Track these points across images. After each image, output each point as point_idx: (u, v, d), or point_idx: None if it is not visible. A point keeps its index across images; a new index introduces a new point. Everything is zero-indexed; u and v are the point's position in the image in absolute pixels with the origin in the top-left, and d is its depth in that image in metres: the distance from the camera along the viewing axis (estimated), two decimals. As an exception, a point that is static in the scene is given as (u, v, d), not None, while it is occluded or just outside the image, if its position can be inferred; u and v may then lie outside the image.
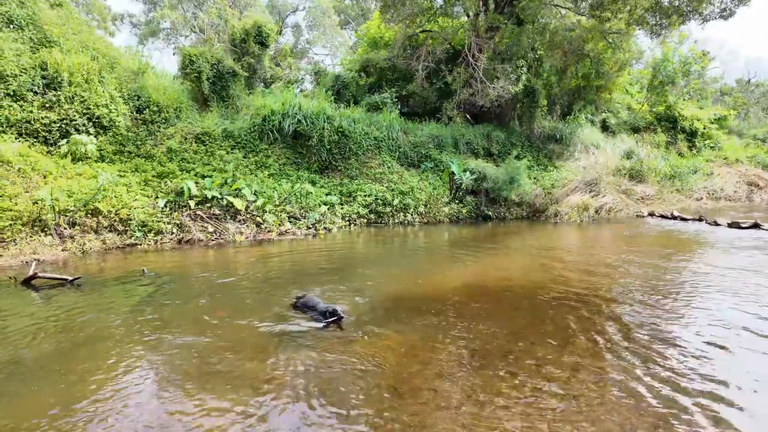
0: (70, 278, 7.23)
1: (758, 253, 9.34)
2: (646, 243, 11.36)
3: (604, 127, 22.54)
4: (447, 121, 18.35)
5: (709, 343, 4.88)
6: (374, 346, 4.89)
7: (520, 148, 18.39)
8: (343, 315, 5.47)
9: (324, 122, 14.73)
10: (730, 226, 12.75)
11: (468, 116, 19.14)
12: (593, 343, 4.96)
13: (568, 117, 21.00)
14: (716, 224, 13.10)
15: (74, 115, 12.13)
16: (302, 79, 27.34)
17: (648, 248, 10.65)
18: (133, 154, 12.60)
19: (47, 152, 11.52)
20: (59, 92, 12.09)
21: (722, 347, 4.77)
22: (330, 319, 5.39)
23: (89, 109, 12.43)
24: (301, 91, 24.14)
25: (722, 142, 25.08)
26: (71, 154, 11.53)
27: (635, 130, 23.48)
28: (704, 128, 24.40)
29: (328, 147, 14.66)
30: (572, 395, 3.86)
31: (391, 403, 3.75)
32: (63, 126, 11.95)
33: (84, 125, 12.24)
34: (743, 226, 12.49)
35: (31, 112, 11.67)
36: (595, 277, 7.62)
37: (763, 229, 12.10)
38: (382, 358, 4.57)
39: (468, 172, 15.31)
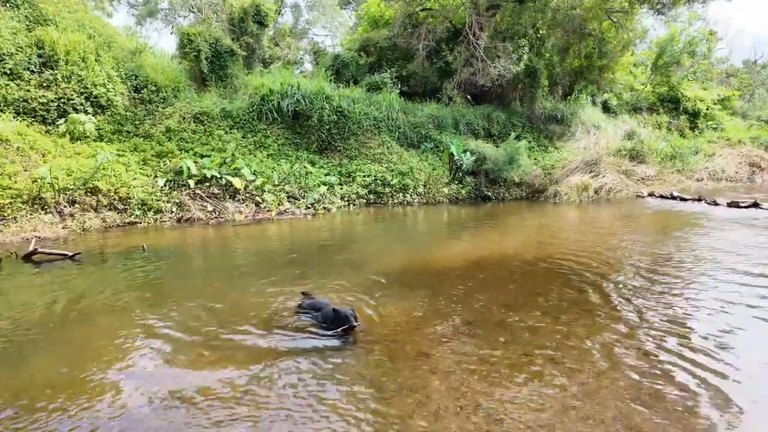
0: (71, 254, 7.30)
1: (754, 230, 9.36)
2: (644, 222, 11.38)
3: (606, 108, 22.35)
4: (447, 101, 18.21)
5: (701, 313, 4.94)
6: (372, 314, 4.96)
7: (521, 128, 18.26)
8: (356, 324, 4.42)
9: (323, 102, 14.64)
10: (729, 205, 12.73)
11: (468, 97, 18.99)
12: (586, 314, 5.02)
13: (569, 97, 20.80)
14: (715, 204, 13.07)
15: (72, 95, 12.08)
16: (302, 59, 27.07)
17: (645, 227, 10.67)
18: (132, 134, 12.57)
19: (45, 131, 11.50)
20: (56, 71, 12.01)
21: (714, 316, 4.83)
22: (341, 328, 4.42)
23: (86, 88, 12.36)
24: (301, 72, 23.93)
25: (725, 123, 24.88)
26: (69, 134, 11.51)
27: (637, 110, 23.28)
28: (707, 109, 24.17)
29: (328, 127, 14.59)
30: (562, 362, 3.93)
31: (386, 367, 3.82)
32: (61, 105, 11.91)
33: (82, 104, 12.19)
34: (742, 205, 12.47)
35: (29, 90, 11.62)
36: (590, 253, 7.66)
37: (762, 208, 12.07)
38: (378, 327, 4.64)
39: (468, 153, 15.25)
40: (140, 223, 10.21)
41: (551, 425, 3.06)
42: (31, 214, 9.21)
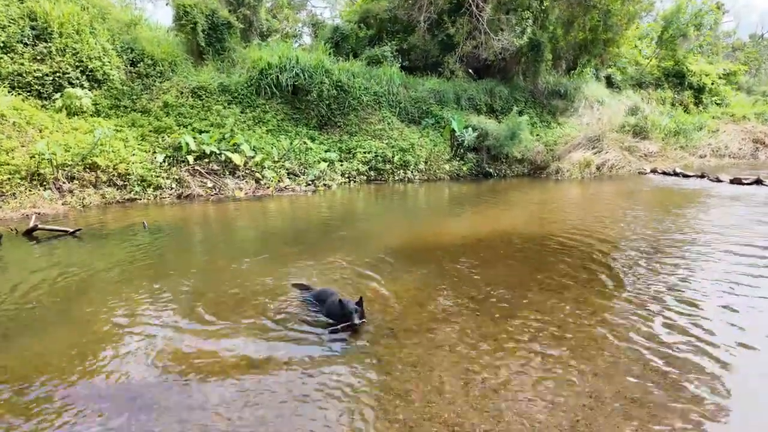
0: (71, 230, 7.28)
1: (756, 207, 9.32)
2: (646, 198, 11.34)
3: (610, 83, 21.99)
4: (449, 75, 17.87)
5: (704, 288, 4.95)
6: (374, 290, 4.97)
7: (524, 103, 17.99)
8: (357, 322, 3.97)
9: (322, 76, 14.36)
10: (732, 182, 12.66)
11: (471, 71, 18.64)
12: (588, 290, 5.03)
13: (572, 72, 20.43)
14: (718, 181, 13.01)
15: (67, 68, 11.84)
16: (300, 32, 26.48)
17: (647, 203, 10.64)
18: (129, 109, 12.37)
19: (41, 106, 11.32)
20: (50, 44, 11.74)
21: (717, 292, 4.84)
22: (341, 325, 4.02)
23: (82, 61, 12.11)
24: (300, 45, 23.41)
25: (730, 99, 24.53)
26: (66, 108, 11.33)
27: (641, 86, 22.91)
28: (712, 84, 23.79)
29: (327, 102, 14.36)
30: (565, 337, 3.95)
31: (388, 342, 3.84)
32: (56, 79, 11.68)
33: (77, 78, 11.96)
34: (745, 182, 12.40)
35: (23, 64, 11.38)
36: (592, 230, 7.64)
37: (765, 185, 12.01)
38: (381, 303, 4.65)
39: (470, 129, 15.07)
40: (140, 199, 10.16)
41: (553, 400, 3.09)
42: (30, 191, 9.14)
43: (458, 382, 3.28)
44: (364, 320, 4.08)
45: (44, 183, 9.41)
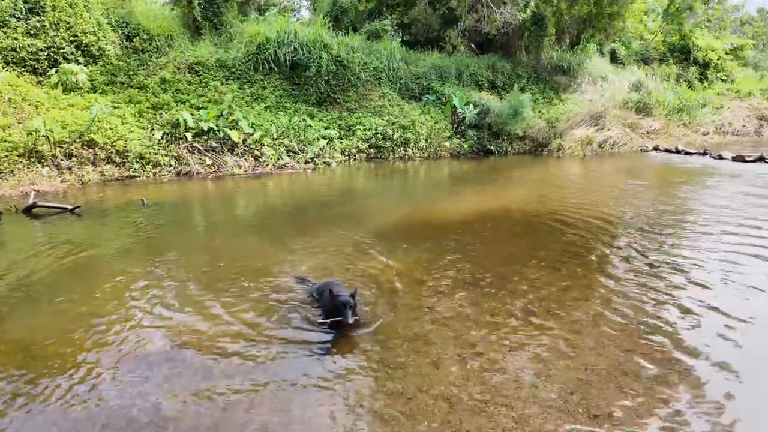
0: (70, 207, 7.28)
1: (758, 184, 9.28)
2: (648, 176, 11.29)
3: (614, 58, 21.61)
4: (451, 50, 17.56)
5: (702, 266, 4.96)
6: (373, 268, 4.99)
7: (526, 79, 17.73)
8: (350, 320, 3.51)
9: (321, 51, 14.11)
10: (734, 159, 12.58)
11: (473, 45, 18.31)
12: (586, 267, 5.05)
13: (576, 47, 20.05)
14: (720, 158, 12.92)
15: (61, 43, 11.65)
16: (299, 6, 25.90)
17: (649, 181, 10.60)
18: (126, 85, 12.22)
19: (37, 82, 11.20)
20: (43, 17, 11.52)
21: (716, 270, 4.86)
22: (330, 320, 3.62)
23: (76, 36, 11.90)
24: (298, 19, 22.93)
25: (736, 75, 24.14)
26: (62, 85, 11.20)
27: (645, 61, 22.53)
28: (718, 59, 23.39)
29: (326, 78, 14.15)
30: (561, 313, 3.98)
31: (387, 317, 3.88)
32: (51, 54, 11.51)
33: (72, 54, 11.78)
34: (748, 159, 12.31)
35: (16, 39, 11.20)
36: (592, 207, 7.63)
37: (767, 162, 11.93)
38: (379, 279, 4.67)
39: (471, 105, 14.88)
40: (139, 176, 10.13)
41: (548, 373, 3.13)
42: (28, 168, 9.11)
43: (454, 356, 3.32)
44: (357, 318, 3.64)
45: (42, 160, 9.36)
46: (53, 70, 11.34)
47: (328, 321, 3.66)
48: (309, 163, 12.14)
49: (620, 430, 2.59)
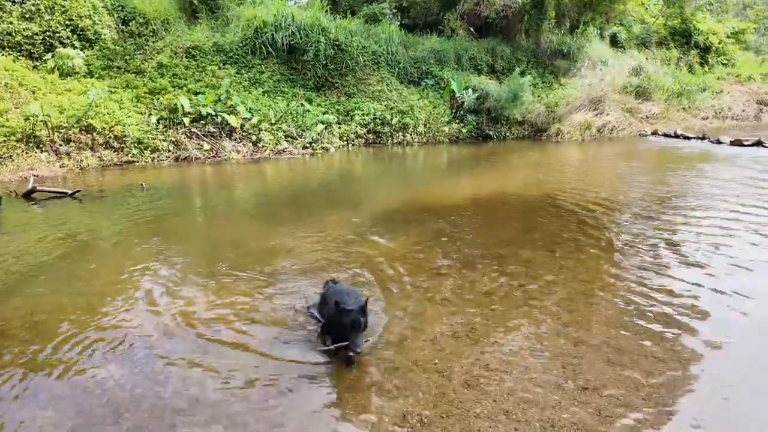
0: (70, 191, 7.32)
1: (755, 168, 9.32)
2: (645, 160, 11.32)
3: (614, 42, 21.43)
4: (449, 33, 17.41)
5: (696, 248, 5.04)
6: (370, 249, 5.06)
7: (526, 63, 17.59)
8: (357, 348, 2.81)
9: (319, 35, 13.99)
10: (732, 144, 12.58)
11: (472, 29, 18.14)
12: (581, 248, 5.11)
13: (576, 31, 19.86)
14: (719, 142, 12.92)
15: (57, 27, 11.56)
16: (296, -11, 25.52)
17: (646, 165, 10.63)
18: (123, 70, 12.14)
19: (33, 67, 11.13)
20: (38, 1, 11.41)
21: (710, 251, 4.93)
22: (336, 345, 2.97)
23: (72, 20, 11.80)
24: (295, 3, 22.64)
25: (737, 59, 23.97)
26: (58, 69, 11.13)
27: (646, 45, 22.34)
28: (719, 43, 23.19)
29: (324, 62, 14.05)
30: (555, 292, 4.06)
31: (384, 297, 3.95)
32: (46, 38, 11.43)
33: (68, 38, 11.69)
34: (746, 144, 12.33)
35: (11, 23, 11.11)
36: (589, 191, 7.67)
37: (765, 146, 11.94)
38: (376, 260, 4.74)
39: (470, 90, 14.81)
40: (137, 162, 10.13)
41: (541, 347, 3.22)
42: (26, 153, 9.11)
43: (449, 333, 3.40)
44: (368, 340, 3.02)
45: (41, 145, 9.36)
46: (49, 55, 11.26)
47: (332, 347, 2.98)
48: (307, 148, 12.13)
49: (609, 401, 2.68)
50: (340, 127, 13.18)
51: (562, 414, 2.57)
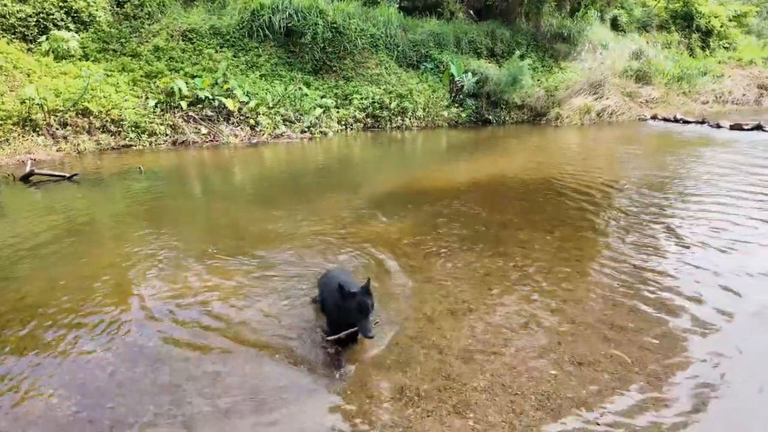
0: (68, 175, 7.30)
1: (754, 152, 9.31)
2: (644, 144, 11.30)
3: (615, 25, 21.19)
4: (449, 16, 17.19)
5: (693, 230, 5.07)
6: (369, 232, 5.07)
7: (526, 47, 17.41)
8: (370, 331, 2.66)
9: (317, 17, 13.80)
10: (732, 128, 12.55)
11: (471, 12, 17.92)
12: (578, 231, 5.15)
13: (576, 14, 19.63)
14: (718, 126, 12.88)
15: (50, 9, 11.39)
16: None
17: (645, 149, 10.61)
18: (119, 53, 12.00)
19: (27, 50, 10.99)
20: (31, -18, 11.22)
21: (706, 234, 4.96)
22: (346, 332, 2.80)
23: (66, 1, 11.62)
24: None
25: (739, 42, 23.74)
26: (53, 52, 11.00)
27: (647, 28, 22.10)
28: (721, 26, 22.95)
29: (322, 45, 13.89)
30: (552, 272, 4.09)
31: (382, 278, 3.98)
32: (40, 21, 11.27)
33: (62, 20, 11.53)
34: (745, 128, 12.29)
35: (5, 5, 10.93)
36: (588, 175, 7.68)
37: (765, 131, 11.91)
38: (375, 242, 4.76)
39: (469, 74, 14.69)
40: (135, 146, 10.08)
41: (536, 325, 3.26)
42: (23, 137, 9.06)
43: (447, 311, 3.44)
44: (377, 322, 2.87)
45: (37, 129, 9.30)
46: (43, 37, 11.11)
47: (340, 336, 2.76)
48: (305, 132, 12.07)
49: (604, 376, 2.72)
50: (338, 111, 13.10)
51: (558, 388, 2.62)
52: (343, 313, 2.75)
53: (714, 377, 2.72)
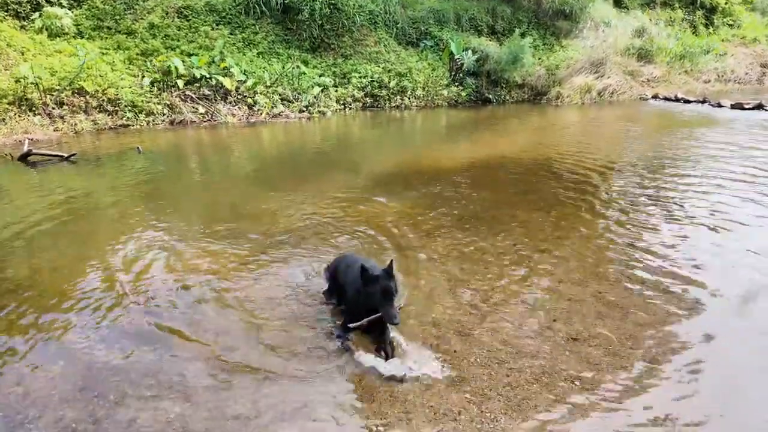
0: (66, 155, 7.28)
1: (754, 131, 9.29)
2: (644, 124, 11.25)
3: (617, 2, 20.81)
4: (449, -7, 16.86)
5: (689, 211, 5.10)
6: (368, 211, 5.10)
7: (527, 24, 17.14)
8: (396, 317, 2.51)
9: (315, -7, 13.55)
10: (733, 107, 12.47)
11: (472, -12, 17.57)
12: (575, 210, 5.17)
13: (580, -10, 19.27)
14: (719, 106, 12.80)
15: (42, -16, 11.16)
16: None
17: (645, 129, 10.57)
18: (114, 30, 11.81)
19: (21, 27, 10.82)
20: (21, -43, 10.96)
21: (702, 215, 5.00)
22: (369, 318, 2.61)
23: (57, -23, 11.39)
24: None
25: (743, 20, 23.37)
26: (47, 30, 10.83)
27: (650, 5, 21.71)
28: (726, 3, 22.56)
29: (320, 22, 13.65)
30: (549, 250, 4.14)
31: (381, 257, 4.02)
32: (33, -3, 11.07)
33: (55, -4, 11.32)
34: (746, 107, 12.22)
35: (-5, -20, 10.71)
36: (586, 155, 7.67)
37: (766, 110, 11.85)
38: (374, 221, 4.79)
39: (469, 52, 14.49)
40: (132, 125, 10.01)
41: (533, 302, 3.32)
42: (19, 116, 8.99)
43: (445, 289, 3.49)
44: (400, 306, 2.70)
45: (33, 108, 9.23)
46: (36, 14, 10.93)
47: (363, 323, 2.57)
48: (304, 112, 11.98)
49: (597, 351, 2.79)
50: (336, 91, 12.97)
51: (553, 362, 2.69)
52: (364, 299, 2.54)
53: (706, 352, 2.79)
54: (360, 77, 13.38)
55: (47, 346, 2.88)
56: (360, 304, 2.59)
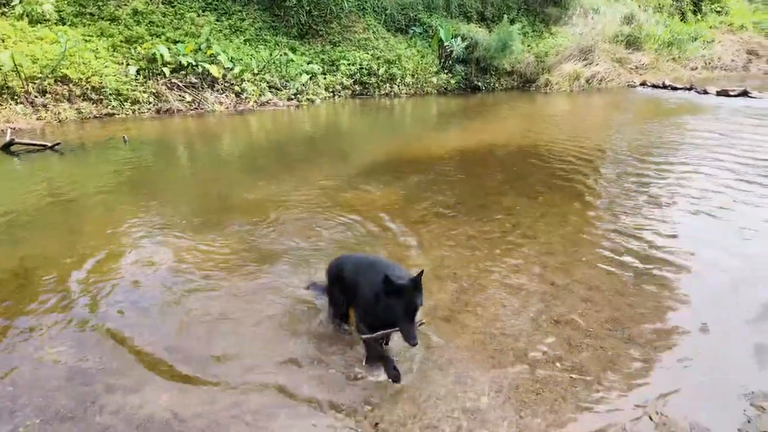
0: (50, 144, 7.17)
1: (737, 118, 9.42)
2: (631, 111, 11.35)
3: (608, -12, 20.79)
4: (438, -21, 16.70)
5: (675, 197, 5.20)
6: (357, 199, 5.12)
7: (516, 11, 17.09)
8: (415, 338, 2.17)
9: (302, -21, 13.35)
10: (718, 94, 12.62)
11: (461, -26, 17.42)
12: (563, 197, 5.24)
13: (570, -24, 19.20)
14: (705, 93, 12.94)
15: (21, -31, 10.84)
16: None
17: (632, 116, 10.67)
18: (96, 17, 11.54)
19: (0, 13, 10.54)
20: (-2, -60, 10.63)
21: (687, 201, 5.09)
22: (387, 331, 2.32)
23: (37, -39, 11.06)
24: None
25: (731, 7, 23.50)
26: (27, 16, 10.56)
27: (640, -9, 21.72)
28: (714, -11, 22.68)
29: (308, 8, 13.47)
30: (536, 237, 4.20)
31: (371, 243, 4.06)
32: (11, -18, 10.75)
33: (34, -19, 11.00)
34: (731, 94, 12.37)
35: (-29, -36, 10.40)
36: (574, 142, 7.74)
37: (751, 96, 12.01)
38: (363, 209, 4.82)
39: (459, 39, 14.43)
40: (118, 114, 9.86)
41: (520, 286, 3.38)
42: (1, 105, 8.81)
43: (432, 276, 3.54)
44: (422, 323, 2.42)
45: (15, 97, 9.04)
46: (17, 0, 10.64)
47: (376, 336, 2.31)
48: (292, 99, 11.88)
49: (579, 333, 2.86)
50: (325, 78, 12.87)
51: (535, 344, 2.76)
52: (383, 310, 2.21)
53: (692, 337, 2.88)
54: (349, 64, 13.28)
55: (41, 333, 2.88)
56: (377, 315, 2.28)
